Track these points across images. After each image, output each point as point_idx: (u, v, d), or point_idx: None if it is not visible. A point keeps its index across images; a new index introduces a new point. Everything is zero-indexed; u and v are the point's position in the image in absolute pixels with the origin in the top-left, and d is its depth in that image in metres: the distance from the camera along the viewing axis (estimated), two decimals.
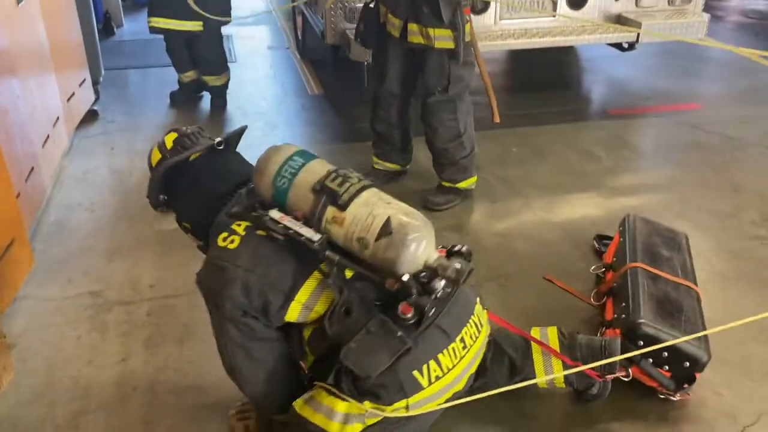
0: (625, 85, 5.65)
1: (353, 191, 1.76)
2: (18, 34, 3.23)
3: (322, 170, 1.83)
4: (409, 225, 1.72)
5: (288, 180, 1.82)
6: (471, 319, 1.92)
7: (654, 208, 3.65)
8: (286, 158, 1.85)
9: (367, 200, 1.75)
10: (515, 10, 4.51)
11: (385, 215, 1.71)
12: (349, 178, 1.80)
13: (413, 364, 1.75)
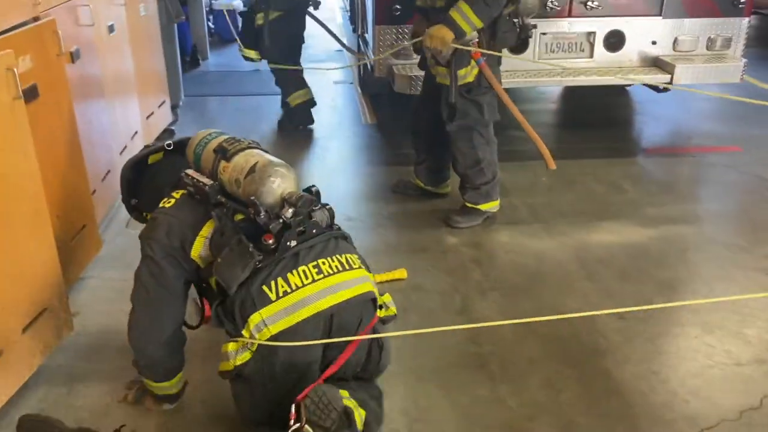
0: (670, 126, 5.80)
1: (238, 148, 2.25)
2: (108, 58, 3.83)
3: (231, 136, 2.37)
4: (270, 164, 2.17)
5: (202, 147, 2.35)
6: (334, 256, 2.17)
7: (667, 238, 3.84)
8: (206, 134, 2.40)
9: (248, 153, 2.24)
10: (554, 51, 4.82)
11: (255, 160, 2.18)
12: (240, 141, 2.30)
13: (264, 280, 2.06)
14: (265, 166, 2.16)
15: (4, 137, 2.32)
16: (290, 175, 2.20)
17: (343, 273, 2.15)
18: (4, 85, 2.29)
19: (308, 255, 2.13)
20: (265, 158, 2.21)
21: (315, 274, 2.10)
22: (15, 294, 2.39)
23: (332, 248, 2.19)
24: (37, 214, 2.52)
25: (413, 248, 3.76)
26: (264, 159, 2.20)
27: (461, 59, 3.57)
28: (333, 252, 2.18)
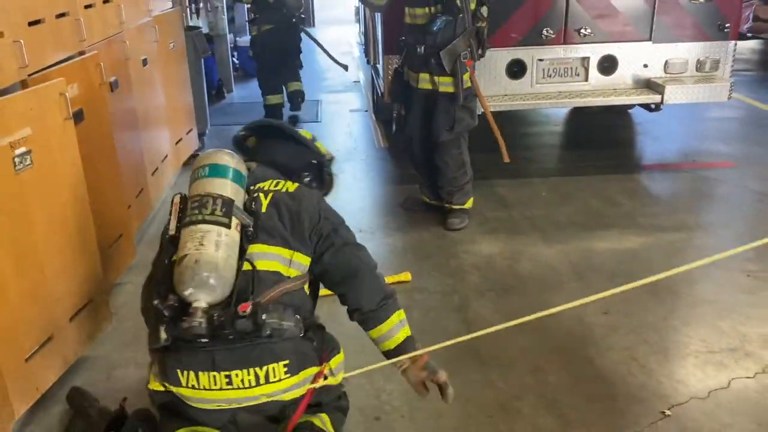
0: (667, 144, 6.09)
1: (190, 220, 1.97)
2: (142, 89, 4.27)
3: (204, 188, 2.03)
4: (190, 269, 1.89)
5: (192, 179, 2.10)
6: (253, 369, 2.02)
7: (656, 244, 4.11)
8: (196, 168, 2.11)
9: (192, 232, 1.95)
10: (550, 76, 5.17)
11: (185, 253, 1.93)
12: (207, 204, 1.98)
13: (176, 364, 2.02)
14: (186, 269, 1.91)
15: (58, 152, 2.72)
16: (211, 283, 1.91)
17: (256, 388, 2.04)
18: (58, 107, 2.71)
19: (223, 361, 1.99)
20: (196, 255, 1.91)
21: (224, 384, 2.01)
22: (64, 287, 2.77)
23: (254, 359, 2.01)
24: (84, 218, 2.91)
25: (418, 255, 4.09)
26: (193, 257, 1.91)
27: (462, 67, 3.98)
28: (251, 363, 2.01)
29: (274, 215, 2.14)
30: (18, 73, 2.60)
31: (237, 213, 2.03)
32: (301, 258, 2.16)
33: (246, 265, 2.02)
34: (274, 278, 2.09)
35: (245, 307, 1.94)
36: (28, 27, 2.72)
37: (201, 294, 1.91)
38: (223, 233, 1.96)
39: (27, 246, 2.54)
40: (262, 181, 2.25)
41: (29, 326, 2.57)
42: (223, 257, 1.94)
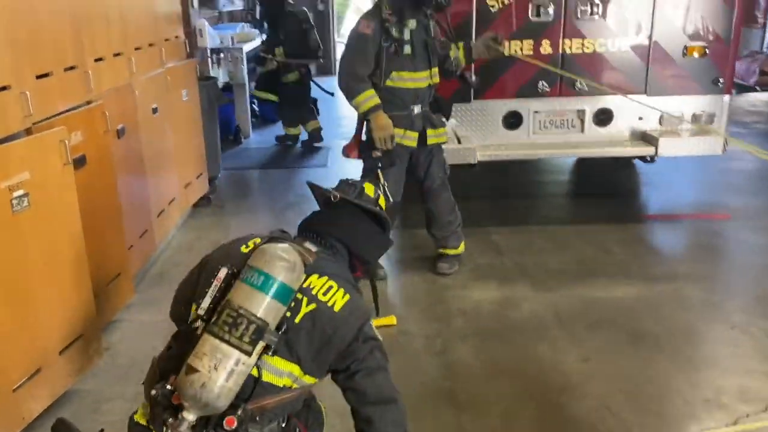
0: (668, 195, 6.14)
1: (218, 334, 1.83)
2: (150, 135, 4.50)
3: (246, 300, 1.86)
4: (190, 388, 1.80)
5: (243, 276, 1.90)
6: None
7: (644, 294, 4.16)
8: (259, 269, 1.88)
9: (214, 349, 1.82)
10: (546, 127, 5.31)
11: (196, 368, 1.81)
12: (236, 329, 1.83)
13: None
14: (190, 384, 1.80)
15: (56, 194, 2.93)
16: (205, 410, 1.83)
17: None
18: (57, 153, 2.92)
19: None
20: (205, 379, 1.80)
21: None
22: (56, 321, 2.94)
23: None
24: (78, 257, 3.09)
25: (407, 300, 4.20)
26: (201, 379, 1.80)
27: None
28: None
29: (304, 330, 1.96)
30: (23, 121, 2.83)
31: (267, 337, 1.87)
32: (309, 379, 2.02)
33: (254, 371, 1.90)
34: (274, 390, 1.97)
35: (231, 422, 1.87)
36: (36, 79, 2.96)
37: (192, 413, 1.84)
38: (242, 361, 1.84)
39: (20, 281, 2.73)
40: (318, 276, 2.02)
41: (18, 357, 2.73)
42: (230, 387, 1.84)
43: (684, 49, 5.16)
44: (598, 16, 5.04)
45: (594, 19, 5.05)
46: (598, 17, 5.05)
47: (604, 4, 5.02)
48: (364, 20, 4.06)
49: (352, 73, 4.04)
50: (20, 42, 2.81)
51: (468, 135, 5.24)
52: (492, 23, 5.02)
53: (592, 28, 5.08)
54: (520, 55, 4.94)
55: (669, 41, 5.14)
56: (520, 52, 5.09)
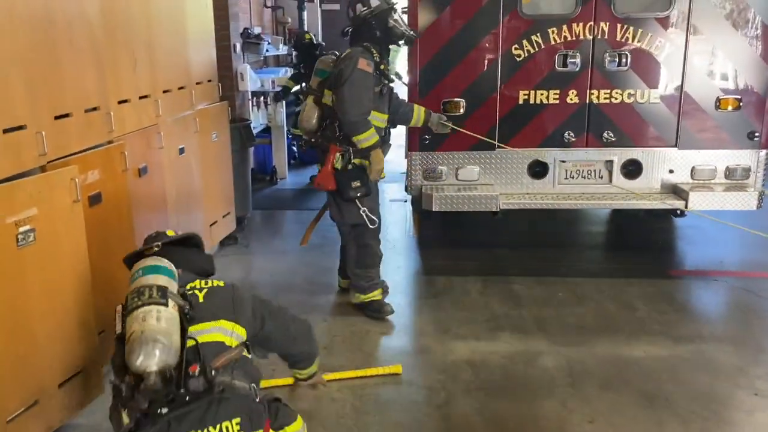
0: (703, 250, 5.92)
1: (134, 305, 2.22)
2: (175, 175, 4.63)
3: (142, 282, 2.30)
4: (138, 339, 2.12)
5: (130, 283, 2.37)
6: (207, 428, 2.22)
7: (661, 355, 3.98)
8: (134, 271, 2.39)
9: (136, 315, 2.19)
10: (572, 177, 5.22)
11: (133, 329, 2.16)
12: (141, 295, 2.23)
13: None
14: (133, 341, 2.12)
15: (63, 231, 3.02)
16: (157, 352, 2.12)
17: None
18: (67, 191, 3.03)
19: (179, 425, 2.18)
20: (140, 328, 2.14)
21: None
22: (56, 354, 3.00)
23: (210, 417, 2.22)
24: (83, 293, 3.17)
25: (416, 348, 4.13)
26: (138, 331, 2.14)
27: None
28: (207, 422, 2.21)
29: (212, 301, 2.51)
30: (37, 159, 2.95)
31: (172, 296, 2.30)
32: (240, 330, 2.53)
33: (190, 342, 2.26)
34: (217, 348, 2.39)
35: (194, 368, 2.19)
36: (54, 120, 3.09)
37: (150, 360, 2.12)
38: (162, 310, 2.22)
39: (22, 314, 2.80)
40: (190, 282, 2.59)
41: (16, 389, 2.79)
42: (165, 327, 2.18)
43: (717, 102, 5.04)
44: (627, 67, 4.99)
45: (622, 69, 4.99)
46: (626, 68, 4.99)
47: (632, 55, 4.97)
48: (362, 59, 4.20)
49: (360, 109, 4.22)
50: (38, 83, 2.95)
51: (491, 183, 5.21)
52: (517, 72, 5.04)
53: (621, 78, 5.02)
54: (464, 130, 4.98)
55: (701, 93, 5.04)
56: (546, 100, 5.08)
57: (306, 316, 4.46)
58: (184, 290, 2.47)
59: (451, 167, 5.21)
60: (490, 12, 4.95)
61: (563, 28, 4.96)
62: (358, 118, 4.21)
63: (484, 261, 5.54)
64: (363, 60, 4.18)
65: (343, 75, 4.18)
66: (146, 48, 4.16)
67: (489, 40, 5.00)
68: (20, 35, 2.83)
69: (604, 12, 4.92)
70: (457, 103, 5.11)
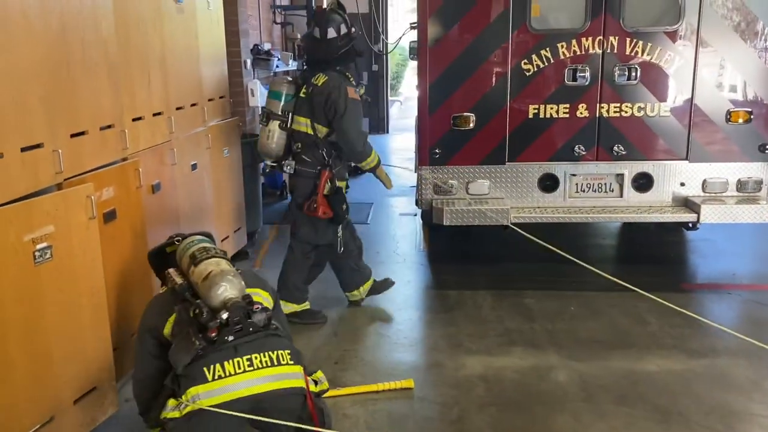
0: (716, 263, 5.90)
1: (205, 256, 2.84)
2: (187, 191, 4.66)
3: (203, 245, 2.97)
4: (220, 274, 2.71)
5: (183, 252, 2.99)
6: (266, 352, 2.65)
7: (675, 369, 3.97)
8: (190, 241, 3.04)
9: (209, 263, 2.80)
10: (583, 191, 5.22)
11: (211, 269, 2.74)
12: (209, 250, 2.89)
13: (204, 363, 2.56)
14: (215, 275, 2.70)
15: (79, 248, 3.05)
16: (235, 282, 2.71)
17: (271, 368, 2.63)
18: (83, 208, 3.06)
19: (244, 349, 2.62)
20: (219, 268, 2.75)
21: (246, 366, 2.60)
22: (71, 371, 3.01)
23: (268, 345, 2.68)
24: (98, 310, 3.19)
25: (428, 364, 4.12)
26: (218, 269, 2.74)
27: None
28: (266, 348, 2.66)
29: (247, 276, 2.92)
30: (54, 177, 2.98)
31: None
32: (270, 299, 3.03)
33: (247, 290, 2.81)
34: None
35: (257, 306, 2.71)
36: (70, 138, 3.13)
37: (234, 288, 2.69)
38: (228, 263, 2.85)
39: (38, 331, 2.82)
40: None
41: (32, 405, 2.80)
42: (235, 271, 2.79)
43: (727, 114, 5.04)
44: (636, 80, 5.00)
45: (632, 83, 5.01)
46: (636, 81, 5.00)
47: (642, 68, 4.98)
48: (349, 87, 4.36)
49: (363, 137, 4.47)
50: (54, 101, 2.98)
51: (502, 196, 5.22)
52: (526, 86, 5.06)
53: (630, 92, 5.04)
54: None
55: (711, 106, 5.04)
56: (556, 114, 5.09)
57: (319, 329, 4.58)
58: None
59: (462, 181, 5.23)
60: (500, 27, 4.98)
61: (572, 42, 4.99)
62: (364, 147, 4.45)
63: (495, 275, 5.54)
64: (351, 89, 4.35)
65: (336, 109, 4.31)
66: (160, 66, 4.21)
67: (498, 55, 5.03)
68: (37, 54, 2.87)
69: (613, 26, 4.95)
70: (467, 118, 5.13)
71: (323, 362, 4.05)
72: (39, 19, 2.88)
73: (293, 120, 4.44)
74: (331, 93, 4.33)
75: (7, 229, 2.62)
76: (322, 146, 4.41)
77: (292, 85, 4.48)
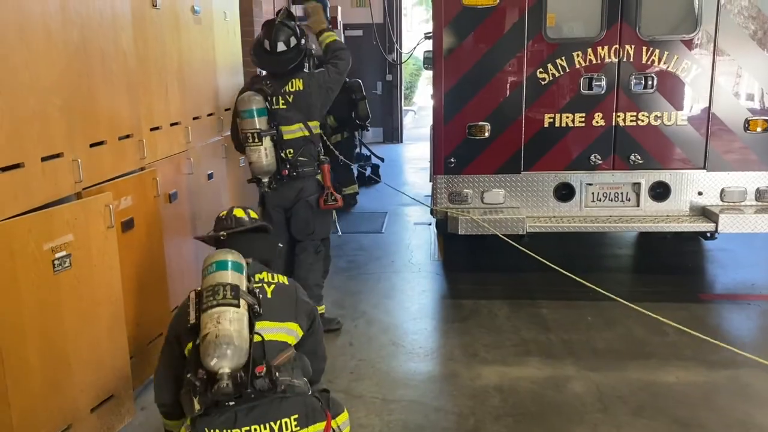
0: (736, 273, 5.82)
1: (208, 305, 2.42)
2: (203, 200, 4.69)
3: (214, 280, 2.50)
4: (213, 343, 2.34)
5: (203, 276, 2.56)
6: (269, 423, 2.45)
7: (695, 380, 3.92)
8: (207, 265, 2.58)
9: (211, 316, 2.40)
10: (600, 200, 5.19)
11: (208, 331, 2.37)
12: (216, 294, 2.43)
13: (206, 423, 2.43)
14: (209, 343, 2.35)
15: (97, 256, 3.07)
16: (230, 353, 2.34)
17: None
18: (102, 217, 3.09)
19: (245, 418, 2.44)
20: (216, 329, 2.36)
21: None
22: (89, 379, 3.03)
23: (271, 413, 2.47)
24: (115, 318, 3.21)
25: (444, 374, 4.10)
26: (215, 331, 2.36)
27: None
28: (269, 418, 2.46)
29: (278, 299, 2.71)
30: (73, 186, 3.02)
31: (243, 296, 2.50)
32: (298, 329, 2.76)
33: (257, 338, 2.50)
34: (281, 346, 2.63)
35: (261, 369, 2.45)
36: (89, 148, 3.16)
37: (224, 362, 2.35)
38: (233, 311, 2.43)
39: (56, 339, 2.85)
40: (258, 273, 2.77)
41: (50, 414, 2.82)
42: (237, 330, 2.40)
43: (746, 123, 4.99)
44: (653, 89, 4.97)
45: (648, 91, 4.98)
46: (652, 90, 4.97)
47: (658, 77, 4.95)
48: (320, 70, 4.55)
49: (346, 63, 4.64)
50: (74, 111, 3.02)
51: (517, 206, 5.20)
52: (542, 96, 5.05)
53: (647, 100, 5.00)
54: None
55: (729, 114, 5.00)
56: (571, 123, 5.07)
57: (334, 339, 4.57)
58: (252, 284, 2.64)
59: (477, 190, 5.22)
60: (515, 36, 4.97)
61: (588, 51, 4.96)
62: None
63: (510, 284, 5.51)
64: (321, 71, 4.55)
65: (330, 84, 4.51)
66: (177, 76, 4.25)
67: (513, 64, 5.02)
68: (58, 67, 2.91)
69: (629, 35, 4.92)
70: (482, 127, 5.12)
71: (339, 372, 4.04)
72: (60, 33, 2.93)
73: (281, 132, 4.33)
74: (318, 80, 4.46)
75: (27, 237, 2.65)
76: (315, 141, 4.48)
77: (261, 99, 4.26)
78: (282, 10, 4.52)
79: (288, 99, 4.38)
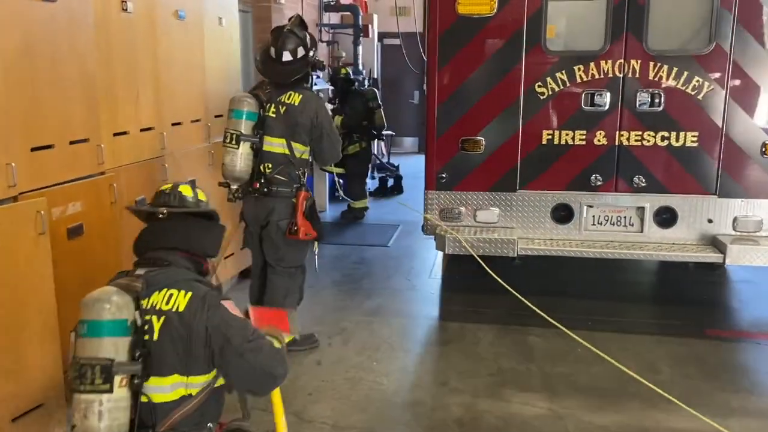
0: (750, 310, 5.39)
1: (75, 388, 2.05)
2: None
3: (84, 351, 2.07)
4: None
5: (76, 334, 2.14)
6: None
7: (679, 429, 3.57)
8: (82, 319, 2.11)
9: (78, 402, 2.04)
10: (600, 223, 4.87)
11: (72, 424, 2.06)
12: (84, 378, 2.02)
13: None
14: None
15: (25, 263, 3.00)
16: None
17: None
18: (32, 223, 3.01)
19: None
20: (82, 428, 2.06)
21: None
22: (11, 388, 2.95)
23: None
24: (46, 327, 3.12)
25: (407, 402, 3.88)
26: (80, 429, 2.06)
27: None
28: None
29: (166, 341, 2.16)
30: (6, 191, 2.95)
31: (120, 370, 2.06)
32: (197, 379, 2.22)
33: (143, 398, 2.14)
34: (172, 406, 2.19)
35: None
36: (30, 152, 3.10)
37: None
38: (105, 399, 2.03)
39: None
40: (157, 289, 2.21)
41: None
42: (107, 425, 2.03)
43: (763, 147, 4.61)
44: (660, 107, 4.63)
45: (656, 109, 4.65)
46: (660, 108, 4.63)
47: (666, 94, 4.62)
48: (326, 104, 4.40)
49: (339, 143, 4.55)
50: (13, 117, 2.96)
51: (512, 226, 4.93)
52: (540, 111, 4.78)
53: (653, 119, 4.68)
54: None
55: (744, 137, 4.62)
56: (571, 141, 4.78)
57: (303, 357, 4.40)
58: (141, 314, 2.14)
59: (470, 208, 4.98)
60: (512, 48, 4.73)
61: (590, 65, 4.68)
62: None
63: (504, 307, 5.20)
64: (326, 105, 4.43)
65: (323, 129, 4.28)
66: (152, 81, 4.18)
67: (511, 77, 4.77)
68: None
69: (635, 49, 4.61)
70: (477, 142, 4.89)
71: (297, 393, 3.87)
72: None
73: (264, 141, 4.19)
74: (318, 113, 4.23)
75: None
76: (298, 165, 4.26)
77: (254, 103, 4.17)
78: (294, 17, 4.40)
79: (279, 109, 4.23)
